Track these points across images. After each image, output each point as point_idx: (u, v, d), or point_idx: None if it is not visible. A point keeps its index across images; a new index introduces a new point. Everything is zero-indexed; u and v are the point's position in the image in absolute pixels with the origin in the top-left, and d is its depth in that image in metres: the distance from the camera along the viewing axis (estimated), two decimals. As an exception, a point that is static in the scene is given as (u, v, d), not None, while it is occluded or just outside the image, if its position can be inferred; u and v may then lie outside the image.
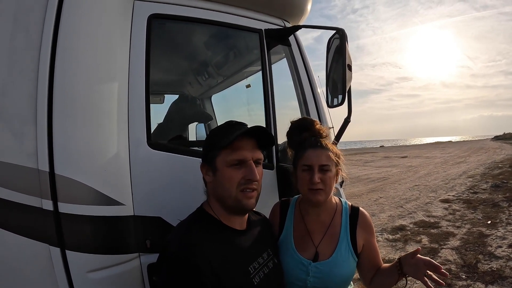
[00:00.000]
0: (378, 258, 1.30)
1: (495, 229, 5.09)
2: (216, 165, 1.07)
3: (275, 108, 1.74)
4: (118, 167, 1.26)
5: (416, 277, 1.10)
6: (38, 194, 1.18)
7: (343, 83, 1.56)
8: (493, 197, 7.35)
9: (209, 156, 1.09)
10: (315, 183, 1.19)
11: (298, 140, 1.32)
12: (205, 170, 1.12)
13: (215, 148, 1.07)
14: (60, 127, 1.17)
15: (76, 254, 1.17)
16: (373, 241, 1.30)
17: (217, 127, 1.20)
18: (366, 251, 1.28)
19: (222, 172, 1.06)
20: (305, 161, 1.23)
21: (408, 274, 1.14)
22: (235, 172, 1.05)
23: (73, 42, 1.20)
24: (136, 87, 1.34)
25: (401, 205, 7.33)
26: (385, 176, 12.50)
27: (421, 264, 1.08)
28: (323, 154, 1.23)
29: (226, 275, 0.98)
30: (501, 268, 3.65)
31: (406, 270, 1.13)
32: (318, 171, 1.20)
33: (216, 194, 1.09)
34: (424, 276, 1.07)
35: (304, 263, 1.23)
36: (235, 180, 1.04)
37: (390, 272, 1.21)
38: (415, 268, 1.10)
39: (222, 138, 1.06)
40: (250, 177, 1.05)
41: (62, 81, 1.18)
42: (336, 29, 1.67)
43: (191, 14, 1.53)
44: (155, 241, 1.32)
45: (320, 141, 1.27)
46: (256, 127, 1.08)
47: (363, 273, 1.30)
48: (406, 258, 1.14)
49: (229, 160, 1.04)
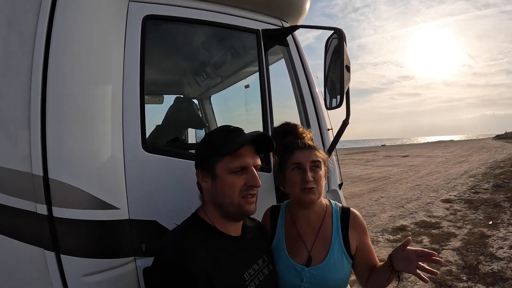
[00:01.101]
0: (373, 258, 1.27)
1: (496, 229, 5.06)
2: (215, 172, 1.04)
3: (272, 109, 1.72)
4: (112, 171, 1.24)
5: (408, 271, 1.06)
6: (32, 199, 1.17)
7: (341, 85, 1.54)
8: (495, 197, 7.32)
9: (207, 161, 1.06)
10: (308, 181, 1.17)
11: (283, 144, 1.31)
12: (201, 176, 1.08)
13: (216, 154, 1.04)
14: (54, 131, 1.15)
15: (71, 258, 1.16)
16: (367, 241, 1.26)
17: (213, 131, 1.16)
18: (361, 252, 1.25)
19: (223, 179, 1.03)
20: (295, 160, 1.22)
21: (400, 270, 1.09)
22: (237, 178, 1.03)
23: (66, 44, 1.19)
24: (131, 90, 1.33)
25: (402, 205, 7.31)
26: (386, 176, 12.47)
27: (412, 255, 1.04)
28: (312, 153, 1.23)
29: (220, 282, 0.97)
30: (502, 270, 3.62)
31: (397, 266, 1.09)
32: (310, 170, 1.19)
33: (215, 201, 1.07)
34: (416, 269, 1.03)
35: (297, 268, 1.21)
36: (237, 186, 1.03)
37: (382, 271, 1.17)
38: (406, 262, 1.06)
39: (224, 144, 1.03)
40: (252, 183, 1.04)
41: (55, 85, 1.16)
42: (334, 29, 1.64)
43: (187, 15, 1.51)
44: (150, 244, 1.30)
45: (306, 142, 1.27)
46: (260, 134, 1.08)
47: (359, 274, 1.28)
48: (397, 252, 1.10)
49: (232, 167, 1.03)
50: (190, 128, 2.60)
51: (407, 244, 1.08)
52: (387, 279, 1.15)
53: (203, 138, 1.16)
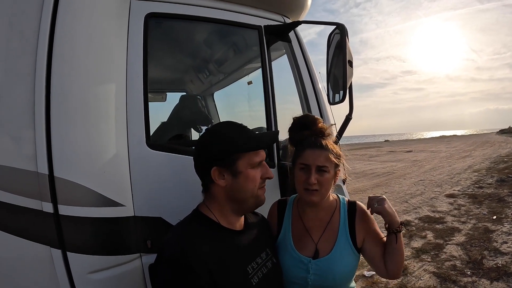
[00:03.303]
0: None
1: (500, 224, 5.04)
2: (237, 168, 1.05)
3: (275, 105, 1.72)
4: (117, 168, 1.25)
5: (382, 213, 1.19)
6: (38, 197, 1.18)
7: (343, 80, 1.53)
8: (499, 192, 7.28)
9: (228, 159, 1.05)
10: (311, 184, 1.18)
11: (298, 137, 1.30)
12: (218, 173, 1.05)
13: (237, 151, 1.05)
14: (58, 129, 1.16)
15: (77, 256, 1.17)
16: (376, 229, 1.28)
17: (225, 128, 1.13)
18: (372, 238, 1.26)
19: (246, 174, 1.06)
20: (302, 160, 1.21)
21: (390, 223, 1.20)
22: (257, 172, 1.09)
23: (69, 43, 1.19)
24: (134, 87, 1.33)
25: (406, 200, 7.29)
26: (390, 171, 12.43)
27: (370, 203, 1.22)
28: (322, 155, 1.19)
29: (224, 276, 0.97)
30: (507, 265, 3.61)
31: (391, 224, 1.19)
32: (315, 172, 1.18)
33: (233, 197, 1.07)
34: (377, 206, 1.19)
35: (303, 261, 1.22)
36: (258, 179, 1.09)
37: (388, 243, 1.23)
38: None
39: (248, 141, 1.07)
40: (268, 175, 1.12)
41: (59, 83, 1.17)
42: (336, 24, 1.63)
43: (189, 12, 1.51)
44: (156, 241, 1.31)
45: (320, 141, 1.23)
46: (275, 133, 1.17)
47: (377, 262, 1.25)
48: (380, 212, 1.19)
49: (253, 162, 1.07)
50: (196, 125, 2.60)
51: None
52: (395, 243, 1.19)
53: (211, 136, 1.12)
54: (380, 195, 1.21)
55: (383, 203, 1.18)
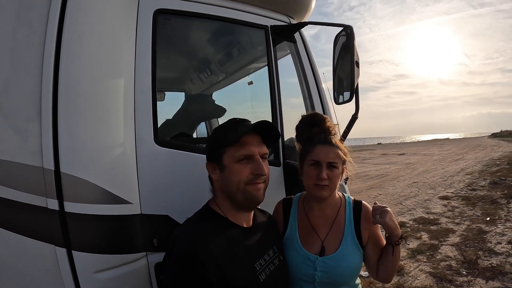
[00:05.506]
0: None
1: (494, 225, 5.13)
2: (223, 162, 1.07)
3: (281, 104, 1.73)
4: (124, 165, 1.23)
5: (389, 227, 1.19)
6: (43, 193, 1.15)
7: (351, 80, 1.55)
8: (492, 194, 7.41)
9: (215, 154, 1.09)
10: (322, 179, 1.19)
11: (307, 134, 1.32)
12: (211, 168, 1.12)
13: (221, 146, 1.07)
14: (65, 124, 1.14)
15: (83, 255, 1.15)
16: (378, 233, 1.31)
17: (221, 125, 1.18)
18: (373, 242, 1.28)
19: (230, 168, 1.06)
20: (313, 156, 1.23)
21: (390, 235, 1.21)
22: (243, 167, 1.06)
23: (78, 38, 1.17)
24: (142, 83, 1.31)
25: (400, 202, 7.36)
26: (383, 173, 12.54)
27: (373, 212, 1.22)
28: (332, 151, 1.23)
29: (232, 272, 0.98)
30: (501, 264, 3.68)
31: (391, 236, 1.20)
32: (326, 168, 1.20)
33: (224, 191, 1.09)
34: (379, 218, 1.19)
35: (311, 258, 1.23)
36: (244, 175, 1.05)
37: (384, 251, 1.25)
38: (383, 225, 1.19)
39: (228, 135, 1.06)
40: (258, 171, 1.06)
41: (67, 78, 1.15)
42: (344, 26, 1.65)
43: (197, 9, 1.50)
44: (162, 239, 1.29)
45: (329, 139, 1.27)
46: (262, 122, 1.09)
47: (371, 265, 1.29)
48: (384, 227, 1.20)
49: (237, 155, 1.05)
50: (209, 120, 2.56)
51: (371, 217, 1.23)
52: (391, 254, 1.22)
53: (211, 132, 1.18)
54: (384, 206, 1.21)
55: (385, 216, 1.18)
